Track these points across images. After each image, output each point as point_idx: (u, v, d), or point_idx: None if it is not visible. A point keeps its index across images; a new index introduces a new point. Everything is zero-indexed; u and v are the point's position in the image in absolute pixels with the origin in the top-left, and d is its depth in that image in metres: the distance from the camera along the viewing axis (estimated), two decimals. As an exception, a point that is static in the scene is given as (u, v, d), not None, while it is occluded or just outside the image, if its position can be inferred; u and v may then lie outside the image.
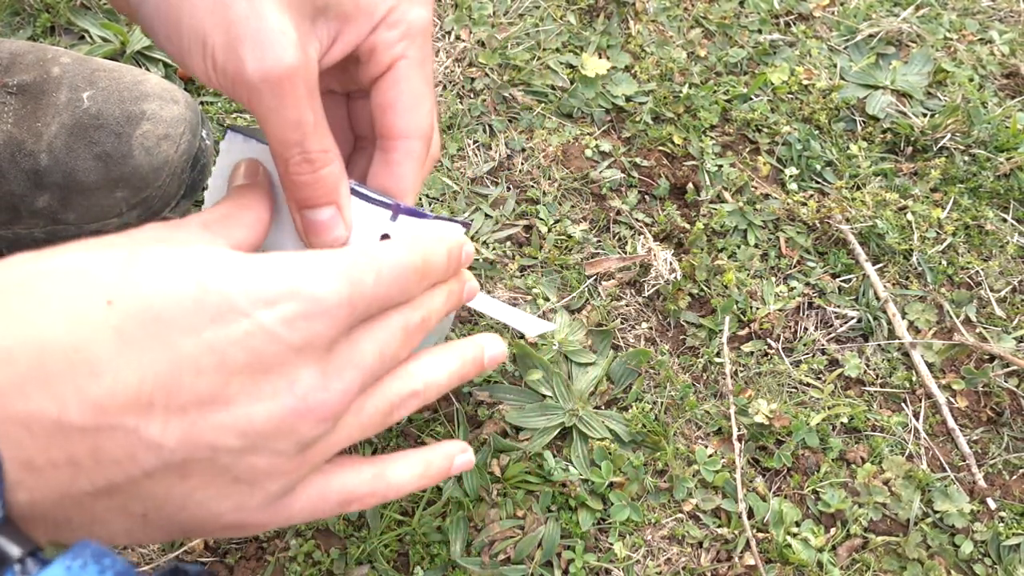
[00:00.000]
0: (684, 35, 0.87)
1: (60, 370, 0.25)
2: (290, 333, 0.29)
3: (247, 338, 0.28)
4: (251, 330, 0.28)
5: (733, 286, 0.71)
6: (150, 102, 0.63)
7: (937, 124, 0.82)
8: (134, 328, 0.27)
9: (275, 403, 0.29)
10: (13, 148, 0.61)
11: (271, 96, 0.35)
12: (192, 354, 0.27)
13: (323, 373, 0.31)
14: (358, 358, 0.33)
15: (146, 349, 0.27)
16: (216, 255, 0.30)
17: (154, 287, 0.28)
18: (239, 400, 0.28)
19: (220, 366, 0.28)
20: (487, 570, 0.57)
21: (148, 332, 0.27)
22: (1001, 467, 0.66)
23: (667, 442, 0.63)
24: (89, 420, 0.26)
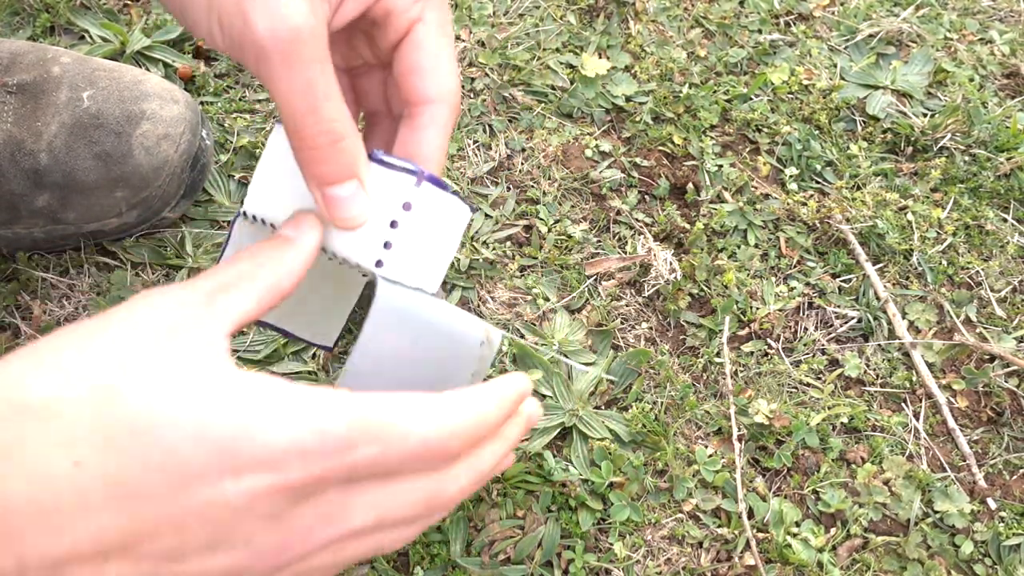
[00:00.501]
0: (684, 35, 0.87)
1: (21, 527, 0.26)
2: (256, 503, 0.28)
3: (208, 508, 0.28)
4: (214, 501, 0.28)
5: (733, 286, 0.71)
6: (150, 102, 0.63)
7: (937, 124, 0.82)
8: (98, 493, 0.27)
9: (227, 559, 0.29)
10: (13, 147, 0.61)
11: (280, 59, 0.33)
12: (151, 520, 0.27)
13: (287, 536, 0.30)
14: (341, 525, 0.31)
15: (108, 512, 0.27)
16: (196, 399, 0.28)
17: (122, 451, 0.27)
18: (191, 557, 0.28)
19: (178, 530, 0.28)
20: (487, 570, 0.57)
21: (111, 496, 0.27)
22: (1001, 467, 0.66)
23: (667, 442, 0.63)
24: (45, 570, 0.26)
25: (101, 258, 0.67)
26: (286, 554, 0.30)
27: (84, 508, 0.26)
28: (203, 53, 0.78)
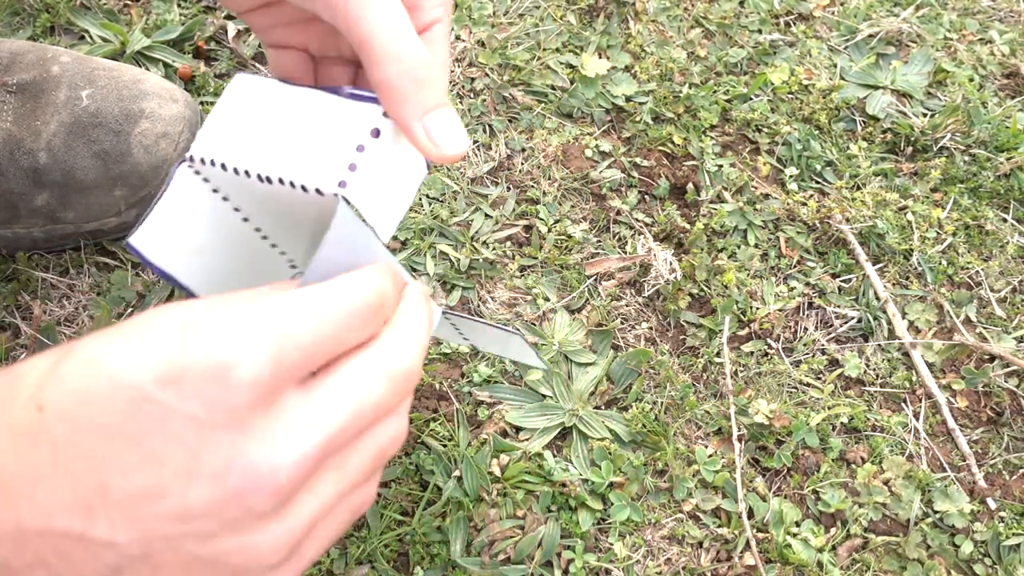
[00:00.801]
0: (684, 35, 0.87)
1: (11, 480, 0.26)
2: (201, 407, 0.27)
3: (161, 424, 0.27)
4: (162, 414, 0.27)
5: (733, 286, 0.71)
6: (149, 101, 0.63)
7: (937, 124, 0.82)
8: (60, 433, 0.27)
9: (213, 485, 0.27)
10: (12, 146, 0.61)
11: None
12: (113, 452, 0.27)
13: (264, 441, 0.28)
14: (312, 416, 0.29)
15: (73, 452, 0.27)
16: (133, 336, 0.28)
17: (73, 387, 0.27)
18: (173, 489, 0.27)
19: (145, 458, 0.27)
20: (487, 570, 0.57)
21: (71, 435, 0.27)
22: (1001, 467, 0.66)
23: (667, 442, 0.63)
24: (42, 525, 0.26)
25: (101, 258, 0.67)
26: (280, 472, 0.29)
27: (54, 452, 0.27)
28: (203, 53, 0.78)
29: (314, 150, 0.38)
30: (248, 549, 0.29)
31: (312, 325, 0.29)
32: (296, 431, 0.28)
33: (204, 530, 0.28)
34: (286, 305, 0.30)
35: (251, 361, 0.27)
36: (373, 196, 0.39)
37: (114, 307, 0.65)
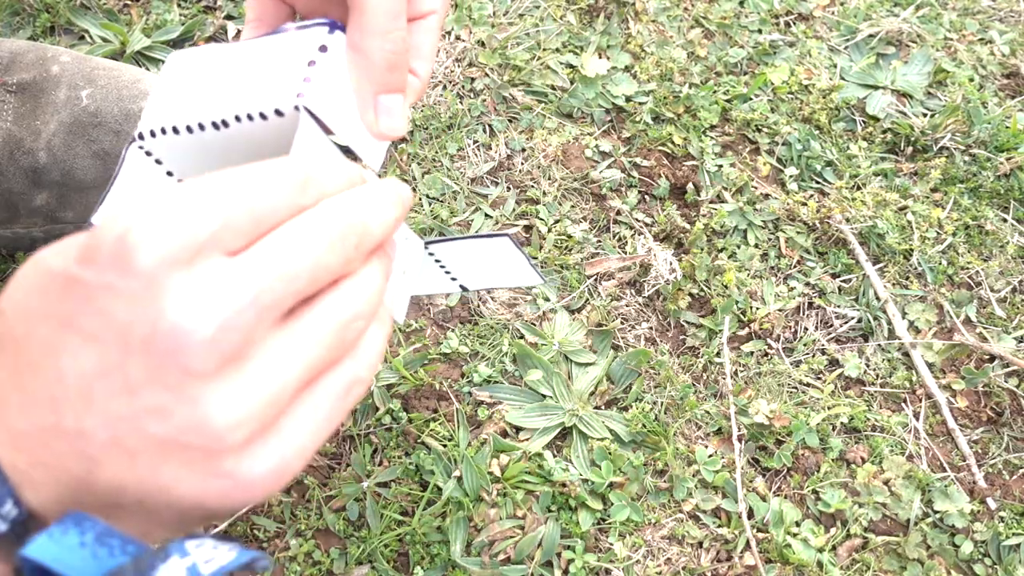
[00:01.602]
0: (684, 35, 0.87)
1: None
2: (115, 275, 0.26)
3: (88, 302, 0.27)
4: (87, 291, 0.27)
5: (733, 286, 0.71)
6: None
7: (937, 124, 0.82)
8: (19, 330, 0.28)
9: (148, 351, 0.27)
10: (12, 146, 0.61)
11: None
12: (58, 337, 0.27)
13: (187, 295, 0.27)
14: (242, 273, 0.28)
15: (30, 346, 0.27)
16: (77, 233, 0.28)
17: (21, 285, 0.28)
18: (114, 362, 0.27)
19: (85, 339, 0.27)
20: (487, 570, 0.57)
21: (24, 329, 0.27)
22: (1001, 467, 0.66)
23: (667, 442, 0.63)
24: (24, 425, 0.27)
25: (101, 258, 0.67)
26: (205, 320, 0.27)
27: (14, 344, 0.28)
28: (203, 53, 0.78)
29: (266, 77, 0.38)
30: (204, 422, 0.27)
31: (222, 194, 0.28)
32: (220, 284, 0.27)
33: (155, 403, 0.27)
34: (196, 182, 0.29)
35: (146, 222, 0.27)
36: (330, 99, 0.39)
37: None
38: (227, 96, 0.39)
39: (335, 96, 0.39)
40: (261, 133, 0.40)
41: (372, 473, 0.60)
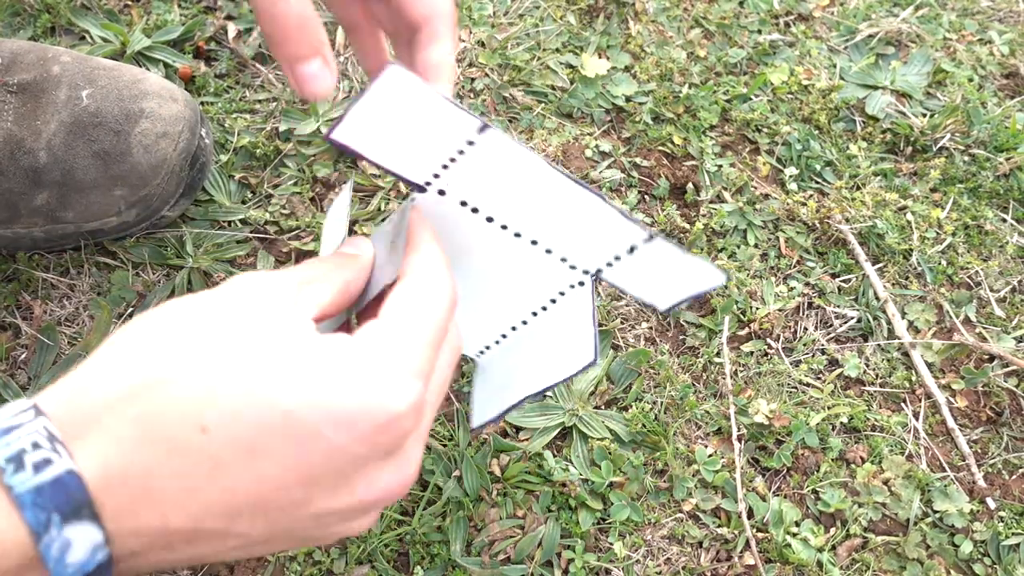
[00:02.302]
0: (684, 35, 0.87)
1: (163, 489, 0.29)
2: (368, 449, 0.32)
3: (328, 460, 0.31)
4: (330, 451, 0.31)
5: (733, 286, 0.71)
6: (149, 100, 0.63)
7: (937, 124, 0.82)
8: (228, 458, 0.30)
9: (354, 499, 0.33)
10: (12, 146, 0.61)
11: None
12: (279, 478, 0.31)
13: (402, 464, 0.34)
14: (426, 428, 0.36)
15: (237, 475, 0.30)
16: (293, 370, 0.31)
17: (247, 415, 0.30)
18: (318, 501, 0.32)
19: (303, 481, 0.31)
20: (487, 570, 0.57)
21: (240, 461, 0.30)
22: (1001, 467, 0.66)
23: (667, 442, 0.63)
24: (187, 524, 0.30)
25: (101, 258, 0.67)
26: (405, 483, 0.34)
27: (216, 470, 0.30)
28: (203, 53, 0.78)
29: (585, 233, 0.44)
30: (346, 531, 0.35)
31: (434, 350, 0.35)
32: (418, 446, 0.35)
33: (325, 523, 0.33)
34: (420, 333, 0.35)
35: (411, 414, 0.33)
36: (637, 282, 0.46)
37: (114, 307, 0.65)
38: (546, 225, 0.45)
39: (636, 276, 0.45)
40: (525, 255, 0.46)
41: (372, 473, 0.60)
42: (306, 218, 0.70)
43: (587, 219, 0.43)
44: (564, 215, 0.44)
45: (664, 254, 0.44)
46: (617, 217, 0.43)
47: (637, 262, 0.45)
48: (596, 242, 0.45)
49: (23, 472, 0.27)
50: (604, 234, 0.44)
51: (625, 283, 0.47)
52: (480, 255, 0.47)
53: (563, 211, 0.43)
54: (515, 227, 0.45)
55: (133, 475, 0.29)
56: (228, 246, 0.68)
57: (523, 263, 0.47)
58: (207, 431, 0.30)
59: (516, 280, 0.48)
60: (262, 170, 0.73)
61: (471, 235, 0.46)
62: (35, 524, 0.27)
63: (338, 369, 0.32)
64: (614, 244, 0.44)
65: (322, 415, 0.30)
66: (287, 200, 0.71)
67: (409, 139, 0.42)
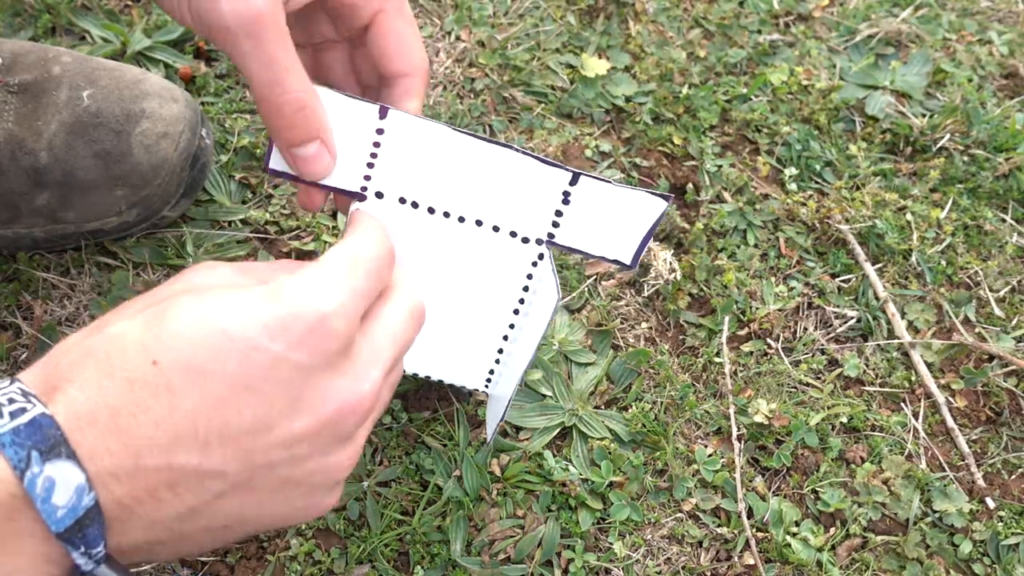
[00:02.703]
0: (684, 35, 0.87)
1: (130, 425, 0.31)
2: (306, 354, 0.33)
3: (272, 370, 0.32)
4: (272, 362, 0.32)
5: (733, 286, 0.71)
6: (150, 101, 0.63)
7: (936, 124, 0.82)
8: (179, 382, 0.32)
9: (313, 416, 0.34)
10: (13, 146, 0.61)
11: (246, 38, 0.38)
12: (230, 394, 0.32)
13: (352, 377, 0.35)
14: (377, 353, 0.37)
15: (192, 397, 0.32)
16: (229, 298, 0.33)
17: (190, 341, 0.32)
18: (280, 422, 0.33)
19: (258, 399, 0.32)
20: (487, 570, 0.57)
21: (190, 382, 0.32)
22: (1000, 466, 0.66)
23: (667, 442, 0.63)
24: (161, 462, 0.31)
25: (102, 258, 0.67)
26: (364, 402, 0.35)
27: (171, 396, 0.31)
28: (204, 54, 0.78)
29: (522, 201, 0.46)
30: (327, 468, 0.36)
31: (366, 278, 0.37)
32: (369, 366, 0.36)
33: (299, 454, 0.34)
34: (346, 263, 0.37)
35: (341, 314, 0.34)
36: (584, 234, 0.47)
37: (115, 307, 0.65)
38: (480, 198, 0.45)
39: (586, 230, 0.46)
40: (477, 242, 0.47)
41: (372, 472, 0.60)
42: (306, 218, 0.70)
43: (513, 177, 0.44)
44: (491, 180, 0.45)
45: (597, 193, 0.45)
46: (537, 165, 0.44)
47: (578, 212, 0.46)
48: (532, 202, 0.45)
49: (1, 419, 0.29)
50: (534, 189, 0.45)
51: (579, 242, 0.47)
52: (439, 257, 0.48)
53: (488, 176, 0.44)
54: (456, 210, 0.46)
55: (100, 413, 0.31)
56: (228, 246, 0.69)
57: (480, 251, 0.48)
58: (158, 363, 0.32)
59: (483, 275, 0.49)
60: (262, 170, 0.73)
61: (423, 235, 0.47)
62: (15, 460, 0.29)
63: (270, 290, 0.34)
64: (547, 197, 0.45)
65: (256, 326, 0.32)
66: (287, 200, 0.71)
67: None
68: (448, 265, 0.49)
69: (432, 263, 0.48)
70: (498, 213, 0.46)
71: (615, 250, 0.47)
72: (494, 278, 0.49)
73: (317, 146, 0.42)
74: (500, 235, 0.47)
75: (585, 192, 0.45)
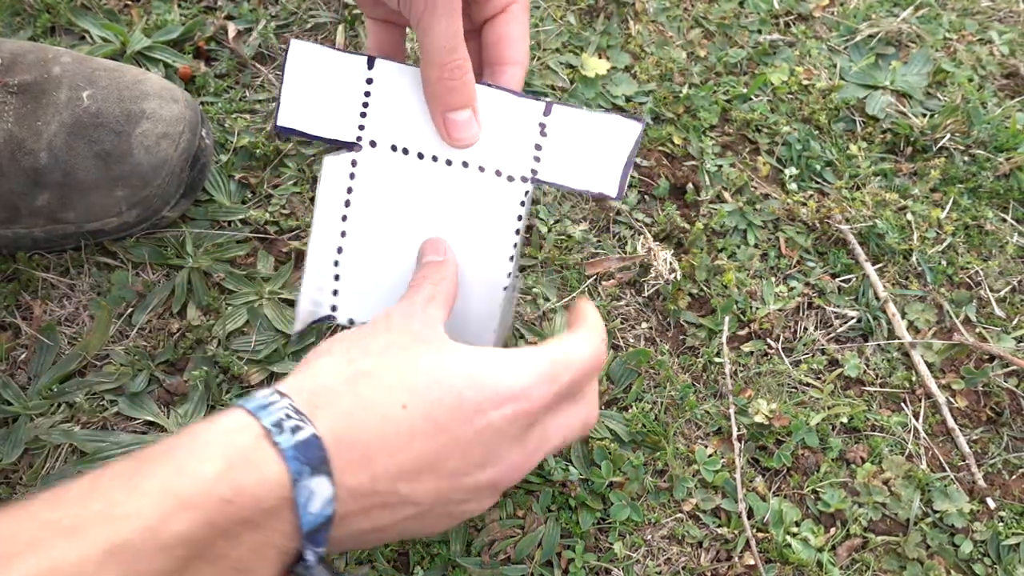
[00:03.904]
0: (684, 35, 0.87)
1: (374, 454, 0.37)
2: (510, 427, 0.40)
3: (482, 434, 0.39)
4: (486, 427, 0.40)
5: (733, 286, 0.71)
6: (150, 101, 0.63)
7: (937, 124, 0.82)
8: (420, 427, 0.38)
9: (494, 473, 0.41)
10: (13, 147, 0.61)
11: (443, 9, 0.43)
12: (452, 446, 0.39)
13: (523, 452, 0.42)
14: (547, 442, 0.44)
15: (425, 443, 0.38)
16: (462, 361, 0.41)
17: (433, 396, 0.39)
18: (473, 472, 0.40)
19: (464, 451, 0.39)
20: (487, 570, 0.57)
21: (428, 430, 0.38)
22: (1001, 467, 0.66)
23: (667, 442, 0.63)
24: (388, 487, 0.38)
25: (102, 258, 0.67)
26: (524, 468, 0.43)
27: (411, 437, 0.38)
28: (204, 53, 0.78)
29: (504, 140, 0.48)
30: (477, 509, 0.43)
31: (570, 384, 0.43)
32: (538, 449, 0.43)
33: (469, 497, 0.41)
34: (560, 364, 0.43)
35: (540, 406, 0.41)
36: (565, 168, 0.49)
37: (114, 307, 0.65)
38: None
39: (567, 163, 0.48)
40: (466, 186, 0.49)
41: (372, 473, 0.60)
42: (306, 218, 0.70)
43: (491, 114, 0.47)
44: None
45: (571, 121, 0.47)
46: (510, 98, 0.47)
47: (557, 144, 0.48)
48: (511, 138, 0.47)
49: (284, 434, 0.35)
50: (512, 124, 0.47)
51: (562, 176, 0.49)
52: (435, 204, 0.49)
53: None
54: (444, 154, 0.48)
55: (356, 440, 0.37)
56: (228, 246, 0.69)
57: (470, 194, 0.49)
58: (407, 407, 0.38)
59: (477, 221, 0.50)
60: (262, 170, 0.73)
61: (417, 182, 0.48)
62: (295, 472, 0.35)
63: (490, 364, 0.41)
64: (526, 131, 0.47)
65: (481, 395, 0.39)
66: (287, 200, 0.71)
67: (329, 101, 0.46)
68: (444, 212, 0.50)
69: (428, 211, 0.50)
70: (481, 153, 0.48)
71: (599, 182, 0.49)
72: (487, 223, 0.50)
73: (469, 113, 0.47)
74: (486, 176, 0.49)
75: (560, 121, 0.47)
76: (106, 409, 0.61)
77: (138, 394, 0.62)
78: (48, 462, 0.59)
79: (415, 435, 0.38)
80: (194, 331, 0.64)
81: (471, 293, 0.53)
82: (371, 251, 0.51)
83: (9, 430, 0.59)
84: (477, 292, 0.53)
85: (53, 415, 0.61)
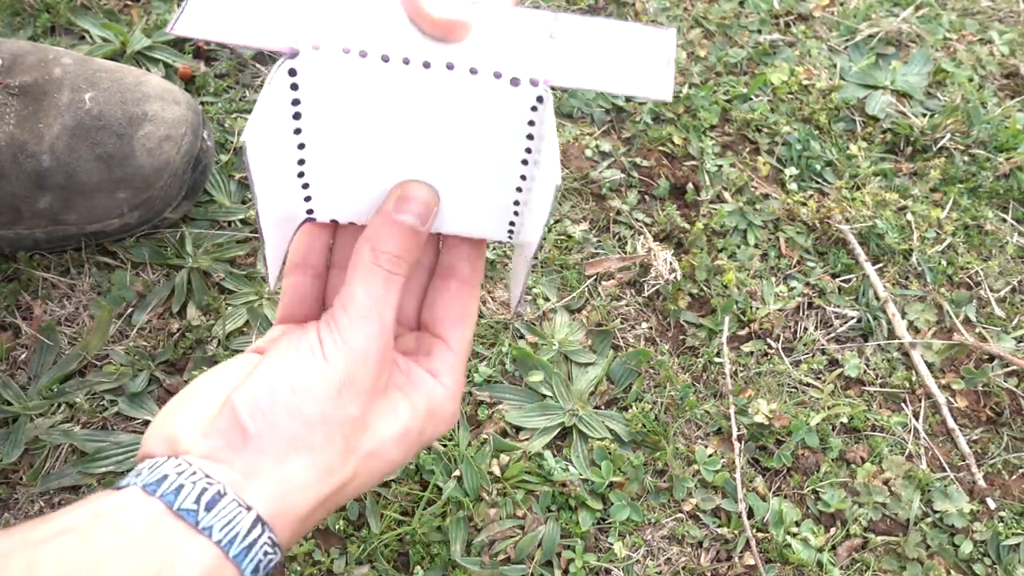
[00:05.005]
0: (684, 35, 0.87)
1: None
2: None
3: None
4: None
5: (733, 286, 0.71)
6: (152, 103, 0.63)
7: (937, 124, 0.82)
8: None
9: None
10: (15, 149, 0.61)
11: None
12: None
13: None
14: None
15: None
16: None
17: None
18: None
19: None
20: (487, 570, 0.58)
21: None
22: (1001, 467, 0.66)
23: (667, 442, 0.63)
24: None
25: (102, 258, 0.67)
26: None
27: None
28: (203, 53, 0.78)
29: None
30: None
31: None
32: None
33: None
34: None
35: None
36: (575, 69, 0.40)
37: (114, 307, 0.65)
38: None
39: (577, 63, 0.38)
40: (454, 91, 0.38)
41: (373, 473, 0.60)
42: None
43: (487, 23, 0.38)
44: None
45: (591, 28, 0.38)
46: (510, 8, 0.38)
47: (575, 47, 0.39)
48: (515, 40, 0.38)
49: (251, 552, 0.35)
50: (515, 30, 0.38)
51: (593, 80, 0.39)
52: (413, 112, 0.39)
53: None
54: (420, 55, 0.37)
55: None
56: (228, 246, 0.69)
57: (459, 99, 0.39)
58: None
59: (473, 126, 0.40)
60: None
61: (386, 89, 0.38)
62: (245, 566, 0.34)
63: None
64: (532, 35, 0.38)
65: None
66: (288, 200, 0.71)
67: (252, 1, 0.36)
68: (426, 125, 0.40)
69: (405, 124, 0.40)
70: (472, 53, 0.38)
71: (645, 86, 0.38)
72: (484, 120, 0.40)
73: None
74: (480, 78, 0.38)
75: (574, 26, 0.38)
76: (106, 409, 0.61)
77: (138, 394, 0.62)
78: (48, 462, 0.59)
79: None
80: (194, 331, 0.64)
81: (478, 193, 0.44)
82: (339, 159, 0.41)
83: (9, 430, 0.60)
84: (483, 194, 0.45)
85: (53, 415, 0.61)
